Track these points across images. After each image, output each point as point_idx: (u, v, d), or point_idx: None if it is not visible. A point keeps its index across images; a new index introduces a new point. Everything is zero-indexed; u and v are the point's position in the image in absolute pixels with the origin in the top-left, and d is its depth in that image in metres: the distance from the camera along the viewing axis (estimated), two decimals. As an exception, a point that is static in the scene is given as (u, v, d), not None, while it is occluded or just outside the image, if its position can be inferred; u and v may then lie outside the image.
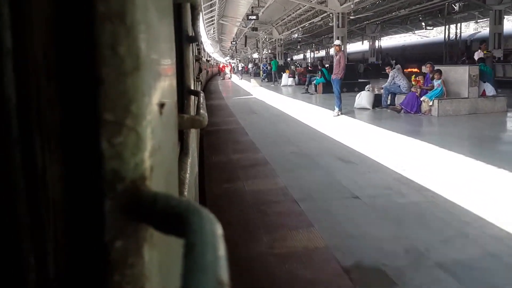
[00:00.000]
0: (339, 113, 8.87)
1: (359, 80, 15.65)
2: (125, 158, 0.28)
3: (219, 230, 0.24)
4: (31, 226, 0.27)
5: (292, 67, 23.08)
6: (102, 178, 0.27)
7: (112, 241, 0.27)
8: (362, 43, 37.95)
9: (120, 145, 0.27)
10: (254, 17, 22.46)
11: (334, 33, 16.32)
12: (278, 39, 30.81)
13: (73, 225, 0.28)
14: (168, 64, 0.44)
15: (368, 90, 10.02)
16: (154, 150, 0.30)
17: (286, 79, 20.64)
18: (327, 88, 14.14)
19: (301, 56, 55.06)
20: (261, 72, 31.60)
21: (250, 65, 39.49)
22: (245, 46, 36.51)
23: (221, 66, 39.92)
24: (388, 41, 39.39)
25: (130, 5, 0.27)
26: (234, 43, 39.04)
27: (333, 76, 9.19)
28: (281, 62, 28.95)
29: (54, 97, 0.28)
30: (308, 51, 50.02)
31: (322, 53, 49.95)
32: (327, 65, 16.17)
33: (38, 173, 0.27)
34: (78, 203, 0.28)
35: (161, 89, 0.36)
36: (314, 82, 15.17)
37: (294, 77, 20.65)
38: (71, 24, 0.27)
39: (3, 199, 0.26)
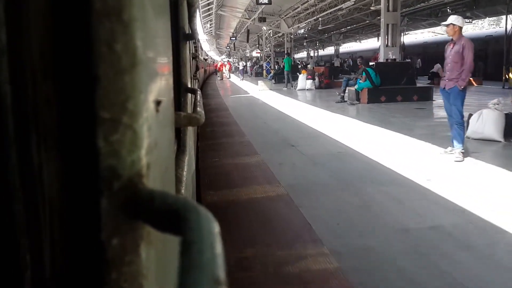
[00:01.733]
0: (462, 153, 4.63)
1: (389, 86, 10.65)
2: (121, 155, 0.27)
3: (216, 228, 0.24)
4: (28, 224, 0.27)
5: (309, 66, 18.60)
6: (99, 176, 0.27)
7: (109, 239, 0.27)
8: (378, 39, 33.40)
9: (116, 143, 0.27)
10: (265, 0, 17.38)
11: (382, 19, 11.84)
12: (287, 33, 25.18)
13: (70, 223, 0.28)
14: (164, 61, 0.44)
15: (496, 108, 5.63)
16: (150, 147, 0.30)
17: (303, 81, 16.51)
18: (374, 95, 10.46)
19: (301, 54, 50.24)
20: (264, 72, 27.99)
21: (248, 64, 35.67)
22: (247, 41, 31.05)
23: (218, 65, 35.28)
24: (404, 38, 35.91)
25: (126, 2, 0.27)
26: (234, 38, 33.97)
27: (448, 84, 4.83)
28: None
29: (50, 94, 0.28)
30: (310, 49, 46.12)
31: (326, 51, 45.14)
32: (372, 64, 11.54)
33: (34, 171, 0.27)
34: (75, 201, 0.28)
35: (157, 86, 0.36)
36: (356, 87, 10.76)
37: (313, 79, 16.57)
38: (68, 21, 0.27)
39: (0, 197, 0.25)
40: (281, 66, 21.86)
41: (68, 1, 0.27)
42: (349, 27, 29.32)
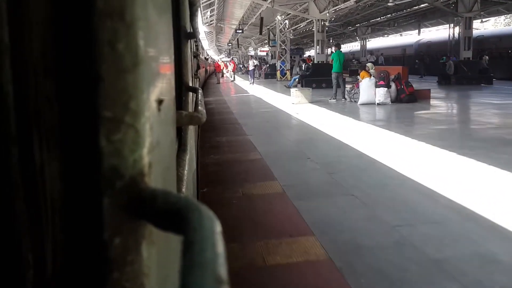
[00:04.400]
0: None
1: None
2: (124, 155, 0.27)
3: (218, 227, 0.24)
4: (30, 224, 0.27)
5: (369, 64, 11.22)
6: (101, 175, 0.27)
7: (111, 238, 0.27)
8: (419, 32, 26.45)
9: (118, 142, 0.27)
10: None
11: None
12: (319, 20, 17.68)
13: (72, 222, 0.28)
14: (166, 60, 0.44)
15: None
16: (152, 146, 0.30)
17: (369, 90, 9.99)
18: None
19: (310, 52, 41.97)
20: (278, 73, 22.66)
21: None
22: (260, 33, 23.21)
23: (221, 65, 27.66)
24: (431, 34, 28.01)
25: (129, 2, 0.27)
26: (240, 31, 26.47)
27: None
28: (320, 59, 17.06)
29: (52, 94, 0.28)
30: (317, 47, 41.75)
31: (346, 47, 37.64)
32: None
33: (36, 170, 0.27)
34: (77, 200, 0.28)
35: (159, 85, 0.36)
36: None
37: (388, 86, 9.97)
38: (70, 21, 0.27)
39: (1, 197, 0.25)
40: (307, 66, 16.69)
41: (70, 1, 0.27)
42: (386, 17, 22.80)
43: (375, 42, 33.66)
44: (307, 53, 38.72)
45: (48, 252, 0.28)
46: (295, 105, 10.61)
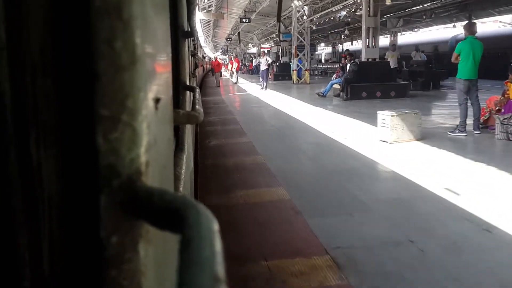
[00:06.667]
0: None
1: None
2: (121, 153, 0.27)
3: (215, 225, 0.24)
4: (26, 222, 0.27)
5: None
6: (98, 174, 0.27)
7: (108, 237, 0.27)
8: (455, 26, 19.87)
9: (116, 141, 0.27)
10: None
11: None
12: (370, 0, 12.06)
13: (69, 220, 0.28)
14: (164, 59, 0.44)
15: None
16: (149, 145, 0.30)
17: None
18: None
19: (325, 49, 36.20)
20: (294, 74, 17.24)
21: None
22: (278, 19, 17.23)
23: (221, 63, 22.10)
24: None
25: (126, 0, 0.27)
26: (246, 21, 20.60)
27: None
28: (370, 55, 11.53)
29: (50, 92, 0.28)
30: (322, 44, 33.50)
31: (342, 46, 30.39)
32: None
33: (33, 169, 0.27)
34: (74, 199, 0.28)
35: (156, 84, 0.36)
36: None
37: None
38: (68, 19, 0.27)
39: None
40: (354, 65, 10.61)
41: None
42: (433, 3, 16.09)
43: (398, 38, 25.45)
44: (319, 50, 33.16)
45: (45, 250, 0.28)
46: (391, 145, 5.29)
